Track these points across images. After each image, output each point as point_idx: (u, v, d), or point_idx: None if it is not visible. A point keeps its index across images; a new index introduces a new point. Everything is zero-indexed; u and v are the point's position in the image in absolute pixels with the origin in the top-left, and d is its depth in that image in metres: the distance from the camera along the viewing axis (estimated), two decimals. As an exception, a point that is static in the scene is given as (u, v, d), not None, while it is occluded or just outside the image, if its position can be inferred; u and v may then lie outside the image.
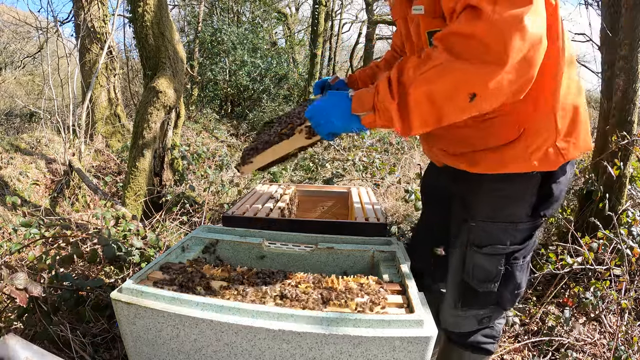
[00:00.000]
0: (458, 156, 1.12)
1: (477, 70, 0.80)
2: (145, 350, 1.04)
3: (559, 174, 1.06)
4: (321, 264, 1.38)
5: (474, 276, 1.15)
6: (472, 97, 0.83)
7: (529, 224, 1.10)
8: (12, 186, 3.66)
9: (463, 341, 1.29)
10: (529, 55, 0.79)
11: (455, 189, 1.20)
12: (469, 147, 1.08)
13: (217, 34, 9.27)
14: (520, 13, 0.77)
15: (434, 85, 0.85)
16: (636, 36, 2.56)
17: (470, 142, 1.07)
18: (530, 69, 0.81)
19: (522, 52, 0.78)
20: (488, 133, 1.03)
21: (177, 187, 3.65)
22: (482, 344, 1.29)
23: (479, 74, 0.80)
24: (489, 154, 1.04)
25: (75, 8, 5.33)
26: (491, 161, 1.04)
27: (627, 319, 2.12)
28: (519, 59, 0.79)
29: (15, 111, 7.42)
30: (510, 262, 1.13)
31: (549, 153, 1.00)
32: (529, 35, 0.78)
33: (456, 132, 1.07)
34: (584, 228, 2.69)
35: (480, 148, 1.05)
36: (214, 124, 8.22)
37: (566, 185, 1.10)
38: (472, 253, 1.14)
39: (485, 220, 1.11)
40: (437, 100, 0.86)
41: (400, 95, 0.90)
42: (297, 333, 0.91)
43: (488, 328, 1.28)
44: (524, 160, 1.01)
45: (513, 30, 0.77)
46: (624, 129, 2.63)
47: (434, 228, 1.39)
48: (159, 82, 3.20)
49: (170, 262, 1.26)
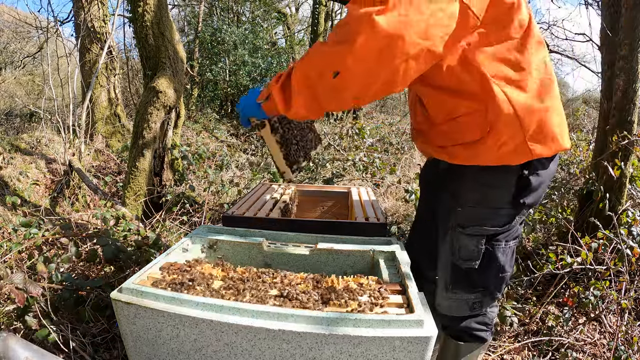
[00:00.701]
0: (440, 149, 1.26)
1: (333, 50, 1.00)
2: (145, 350, 1.04)
3: (538, 166, 1.18)
4: (321, 264, 1.38)
5: (459, 256, 1.27)
6: (335, 74, 1.00)
7: (510, 210, 1.22)
8: (12, 186, 3.66)
9: (456, 326, 1.36)
10: (383, 45, 0.94)
11: (444, 179, 1.32)
12: (448, 142, 1.22)
13: (217, 34, 9.27)
14: (370, 11, 0.94)
15: (307, 67, 1.05)
16: (636, 36, 2.56)
17: (449, 137, 1.22)
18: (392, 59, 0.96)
19: (373, 41, 0.94)
20: (459, 130, 1.18)
21: (177, 187, 3.65)
22: (474, 331, 1.36)
23: (334, 52, 0.99)
24: (464, 148, 1.18)
25: (75, 8, 5.32)
26: (466, 154, 1.18)
27: (627, 319, 2.12)
28: (371, 46, 0.95)
29: (15, 111, 7.42)
30: (491, 243, 1.24)
31: (518, 149, 1.13)
32: (380, 28, 0.93)
33: (437, 129, 1.24)
34: (584, 228, 2.69)
35: (458, 142, 1.19)
36: (214, 124, 8.22)
37: (548, 178, 1.22)
38: (458, 234, 1.26)
39: (471, 205, 1.23)
40: (310, 79, 1.04)
41: (285, 81, 1.09)
42: (297, 333, 0.91)
43: (480, 315, 1.36)
44: (493, 155, 1.15)
45: (362, 21, 0.95)
46: (624, 129, 2.63)
47: (427, 220, 1.48)
48: (159, 82, 3.20)
49: (170, 262, 1.26)
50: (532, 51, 1.13)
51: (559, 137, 1.17)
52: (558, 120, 1.17)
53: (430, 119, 1.27)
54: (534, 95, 1.13)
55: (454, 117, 1.18)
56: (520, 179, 1.18)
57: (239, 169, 5.23)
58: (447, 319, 1.39)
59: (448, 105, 1.18)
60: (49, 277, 1.77)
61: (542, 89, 1.14)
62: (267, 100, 1.16)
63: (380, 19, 0.93)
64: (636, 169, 2.86)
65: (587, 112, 8.76)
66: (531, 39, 1.13)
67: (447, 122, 1.20)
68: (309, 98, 1.07)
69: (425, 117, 1.29)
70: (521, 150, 1.14)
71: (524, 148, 1.13)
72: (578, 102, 11.76)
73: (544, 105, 1.14)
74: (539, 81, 1.14)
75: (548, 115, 1.14)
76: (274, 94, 1.11)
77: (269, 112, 1.19)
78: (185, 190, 3.60)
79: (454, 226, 1.27)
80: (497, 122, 1.12)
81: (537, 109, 1.13)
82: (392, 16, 0.94)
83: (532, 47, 1.13)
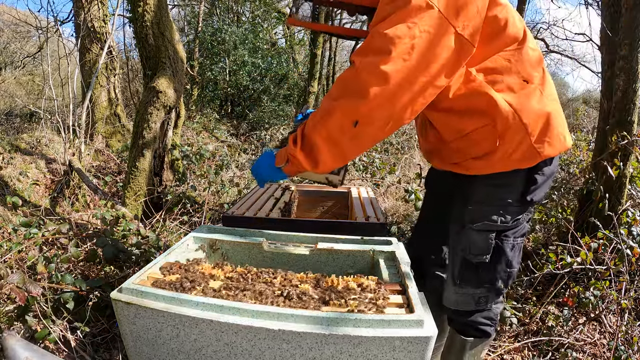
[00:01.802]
0: (455, 165, 1.32)
1: (348, 103, 1.08)
2: (145, 350, 1.04)
3: (542, 165, 1.24)
4: (321, 264, 1.38)
5: (470, 251, 1.31)
6: (355, 123, 1.09)
7: (518, 207, 1.28)
8: (12, 186, 3.66)
9: (463, 320, 1.40)
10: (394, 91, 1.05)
11: (455, 182, 1.36)
12: (461, 157, 1.28)
13: (217, 33, 9.27)
14: (376, 61, 1.04)
15: (326, 127, 1.12)
16: (636, 36, 2.56)
17: (462, 153, 1.28)
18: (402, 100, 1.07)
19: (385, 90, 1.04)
20: (471, 145, 1.24)
21: (177, 187, 3.65)
22: (480, 325, 1.40)
23: (350, 106, 1.08)
24: (478, 161, 1.25)
25: (75, 8, 5.32)
26: (480, 165, 1.25)
27: (627, 319, 2.12)
28: (383, 94, 1.05)
29: (15, 111, 7.42)
30: (500, 238, 1.29)
31: (527, 153, 1.20)
32: (388, 77, 1.03)
33: (449, 146, 1.31)
34: (584, 228, 2.69)
35: (471, 156, 1.26)
36: (214, 124, 8.22)
37: (551, 173, 1.28)
38: (469, 231, 1.31)
39: (480, 203, 1.29)
40: (333, 136, 1.12)
41: (304, 142, 1.17)
42: (297, 333, 0.91)
43: (486, 310, 1.39)
44: (506, 162, 1.21)
45: (370, 73, 1.05)
46: (624, 129, 2.63)
47: (435, 219, 1.54)
48: (159, 82, 3.20)
49: (170, 262, 1.26)
50: (529, 57, 1.19)
51: (562, 137, 1.24)
52: (560, 121, 1.24)
53: (441, 139, 1.33)
54: (535, 100, 1.19)
55: (464, 134, 1.24)
56: (527, 178, 1.24)
57: (239, 169, 5.23)
58: (455, 314, 1.42)
59: (458, 124, 1.24)
60: (49, 277, 1.77)
61: (542, 93, 1.20)
62: (288, 164, 1.24)
63: (387, 68, 1.03)
64: (636, 168, 2.85)
65: (587, 112, 8.76)
66: (526, 46, 1.19)
67: (458, 139, 1.26)
68: (335, 152, 1.15)
69: (437, 137, 1.35)
70: (530, 154, 1.20)
71: (533, 151, 1.19)
72: (578, 102, 11.76)
73: (546, 108, 1.20)
74: (539, 85, 1.20)
75: (551, 118, 1.20)
76: (299, 158, 1.18)
77: (292, 173, 1.28)
78: (186, 190, 3.60)
79: (465, 224, 1.32)
80: (506, 132, 1.18)
81: (540, 113, 1.19)
82: (397, 64, 1.03)
83: (527, 54, 1.19)
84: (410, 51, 1.04)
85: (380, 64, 1.04)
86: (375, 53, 1.06)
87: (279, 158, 1.28)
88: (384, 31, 1.05)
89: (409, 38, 1.04)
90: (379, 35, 1.07)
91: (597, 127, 3.01)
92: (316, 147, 1.15)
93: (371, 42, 1.09)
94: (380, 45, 1.06)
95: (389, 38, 1.04)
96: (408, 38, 1.04)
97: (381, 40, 1.06)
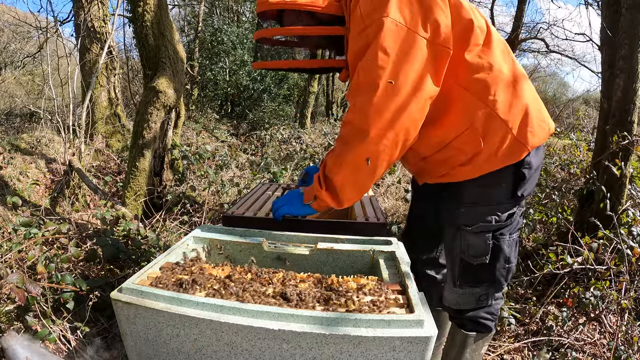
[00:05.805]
0: (442, 176, 1.33)
1: (355, 145, 1.16)
2: (145, 350, 1.04)
3: (527, 158, 1.24)
4: (321, 264, 1.38)
5: (468, 253, 1.32)
6: (367, 160, 1.16)
7: (510, 204, 1.28)
8: (12, 186, 3.66)
9: (465, 316, 1.41)
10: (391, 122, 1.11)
11: (443, 185, 1.37)
12: (448, 167, 1.29)
13: (217, 33, 9.27)
14: (370, 98, 1.11)
15: (343, 169, 1.21)
16: (636, 36, 2.56)
17: (447, 163, 1.29)
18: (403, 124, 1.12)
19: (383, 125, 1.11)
20: (455, 153, 1.25)
21: (177, 187, 3.65)
22: (481, 319, 1.40)
23: (357, 147, 1.16)
24: (465, 166, 1.25)
25: (75, 8, 5.32)
26: (468, 170, 1.25)
27: (627, 319, 2.12)
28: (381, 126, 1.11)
29: (15, 111, 7.42)
30: (496, 237, 1.30)
31: (512, 147, 1.20)
32: (380, 110, 1.10)
33: (432, 160, 1.32)
34: (584, 228, 2.69)
35: (457, 164, 1.26)
36: (214, 123, 8.22)
37: (538, 165, 1.28)
38: (464, 233, 1.31)
39: (473, 205, 1.29)
40: (351, 176, 1.21)
41: (328, 184, 1.26)
42: (297, 333, 0.91)
43: (487, 306, 1.40)
44: (493, 161, 1.22)
45: (365, 112, 1.12)
46: (624, 129, 2.63)
47: (425, 219, 1.55)
48: (159, 82, 3.20)
49: (170, 262, 1.26)
50: (497, 51, 1.21)
51: (543, 125, 1.24)
52: (538, 108, 1.25)
53: (421, 156, 1.35)
54: (510, 91, 1.20)
55: (445, 144, 1.26)
56: (515, 174, 1.25)
57: (239, 169, 5.23)
58: (454, 311, 1.43)
59: (436, 137, 1.26)
60: (49, 277, 1.77)
61: (515, 83, 1.21)
62: (315, 201, 1.33)
63: (380, 101, 1.10)
64: (636, 168, 2.85)
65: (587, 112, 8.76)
66: (493, 39, 1.21)
67: (440, 151, 1.28)
68: (354, 189, 1.25)
69: (416, 157, 1.37)
70: (515, 148, 1.20)
71: (518, 145, 1.20)
72: (578, 102, 11.75)
73: (523, 100, 1.21)
74: (511, 77, 1.21)
75: (529, 109, 1.21)
76: (325, 199, 1.28)
77: (320, 209, 1.37)
78: (186, 190, 3.60)
79: (459, 226, 1.32)
80: (487, 131, 1.19)
81: (516, 104, 1.20)
82: (387, 93, 1.10)
83: (496, 47, 1.21)
84: (395, 76, 1.09)
85: (373, 99, 1.10)
86: (365, 91, 1.12)
87: (307, 195, 1.35)
88: (366, 64, 1.11)
89: (390, 64, 1.09)
90: (363, 71, 1.12)
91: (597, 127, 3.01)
92: (339, 188, 1.24)
93: (357, 80, 1.14)
94: (366, 81, 1.12)
95: (373, 70, 1.10)
96: (390, 64, 1.09)
97: (365, 76, 1.12)
